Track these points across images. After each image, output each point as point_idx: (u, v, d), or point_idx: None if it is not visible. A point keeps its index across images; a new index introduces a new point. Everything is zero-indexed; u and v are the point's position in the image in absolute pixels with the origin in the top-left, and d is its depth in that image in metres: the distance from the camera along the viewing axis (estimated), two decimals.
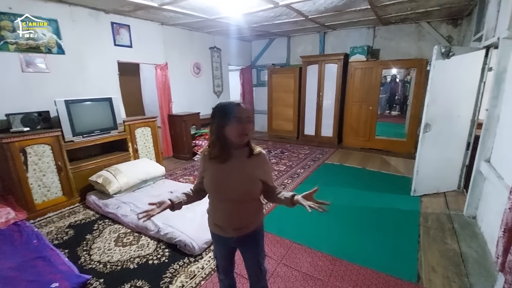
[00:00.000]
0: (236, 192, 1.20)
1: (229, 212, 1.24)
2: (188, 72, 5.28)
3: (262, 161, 1.25)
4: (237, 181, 1.19)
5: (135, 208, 2.78)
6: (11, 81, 3.00)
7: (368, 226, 2.62)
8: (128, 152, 3.71)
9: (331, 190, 3.44)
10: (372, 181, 3.70)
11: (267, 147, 5.69)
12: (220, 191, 1.22)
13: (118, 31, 3.97)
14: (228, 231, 1.27)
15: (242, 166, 1.21)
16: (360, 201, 3.12)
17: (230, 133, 1.14)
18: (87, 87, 3.66)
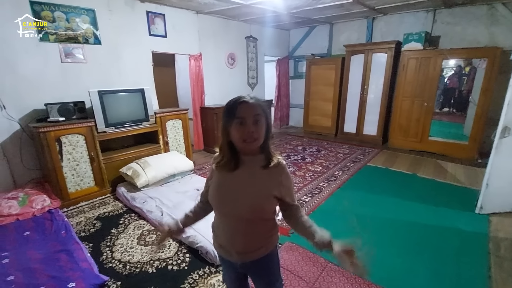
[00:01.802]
0: (243, 209, 0.96)
1: (233, 232, 1.02)
2: (222, 63, 5.09)
3: (281, 173, 0.99)
4: (244, 195, 0.96)
5: (161, 204, 2.68)
6: (51, 71, 3.07)
7: (419, 248, 2.18)
8: (159, 144, 3.66)
9: (374, 198, 3.00)
10: (424, 191, 3.17)
11: (302, 144, 5.32)
12: (223, 205, 1.00)
13: (153, 21, 3.89)
14: (232, 254, 1.03)
15: (254, 177, 0.97)
16: (409, 215, 2.65)
17: (233, 137, 0.92)
18: (121, 77, 3.66)
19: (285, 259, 2.03)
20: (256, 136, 0.91)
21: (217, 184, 1.01)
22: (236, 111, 0.89)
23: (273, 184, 0.98)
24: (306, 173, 3.72)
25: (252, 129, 0.90)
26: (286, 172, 1.01)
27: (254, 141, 0.92)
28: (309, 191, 3.17)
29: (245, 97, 0.93)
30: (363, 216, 2.62)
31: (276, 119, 6.87)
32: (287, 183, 1.01)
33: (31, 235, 2.31)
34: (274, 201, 1.00)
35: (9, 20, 2.74)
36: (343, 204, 2.88)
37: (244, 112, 0.89)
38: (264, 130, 0.94)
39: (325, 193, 3.11)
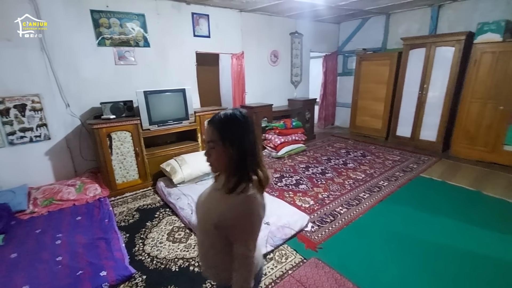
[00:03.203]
0: (198, 224, 1.00)
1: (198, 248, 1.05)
2: (264, 60, 5.02)
3: (235, 206, 0.83)
4: (201, 209, 0.99)
5: (192, 202, 2.77)
6: (107, 73, 3.40)
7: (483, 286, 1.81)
8: (197, 142, 3.79)
9: (424, 218, 2.61)
10: (491, 214, 2.64)
11: (346, 147, 4.95)
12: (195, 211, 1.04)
13: (198, 22, 4.00)
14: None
15: (211, 196, 0.97)
16: (468, 243, 2.23)
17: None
18: (167, 78, 3.87)
19: (308, 277, 1.89)
20: (211, 161, 0.86)
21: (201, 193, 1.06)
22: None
23: (219, 213, 0.85)
24: (346, 181, 3.44)
25: (206, 154, 0.86)
26: (241, 207, 0.82)
27: (211, 166, 0.87)
28: (346, 201, 2.92)
29: (214, 115, 0.85)
30: (408, 238, 2.30)
31: (321, 118, 6.55)
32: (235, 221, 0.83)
33: (82, 220, 2.61)
34: (212, 231, 0.87)
35: (75, 29, 3.10)
36: (385, 221, 2.57)
37: (206, 133, 0.86)
38: (225, 157, 0.83)
39: (364, 206, 2.82)
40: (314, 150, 4.76)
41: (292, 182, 3.43)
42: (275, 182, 3.44)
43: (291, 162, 4.20)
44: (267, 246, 2.12)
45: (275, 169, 3.89)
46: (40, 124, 3.07)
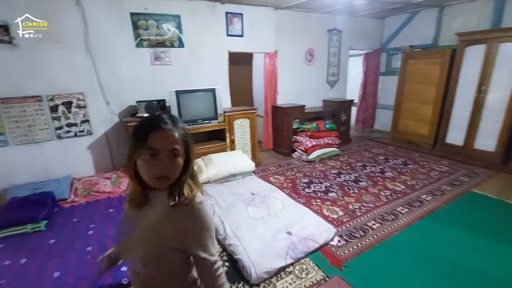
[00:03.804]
0: (138, 255, 0.79)
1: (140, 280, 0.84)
2: (299, 59, 4.83)
3: (187, 216, 0.77)
4: (139, 239, 0.79)
5: (215, 204, 2.75)
6: (143, 73, 3.55)
7: None
8: (225, 142, 3.78)
9: (474, 242, 2.24)
10: None
11: (385, 153, 4.55)
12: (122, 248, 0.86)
13: (231, 21, 3.98)
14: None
15: (156, 218, 0.78)
16: None
17: (140, 171, 0.74)
18: (199, 77, 3.92)
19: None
20: (171, 173, 0.73)
21: (119, 220, 0.86)
22: (149, 139, 0.70)
23: (174, 232, 0.77)
24: (382, 192, 3.14)
25: (166, 165, 0.71)
26: (197, 214, 0.78)
27: (166, 180, 0.74)
28: (380, 215, 2.65)
29: (164, 119, 0.74)
30: (453, 265, 1.99)
31: (359, 121, 6.14)
32: (194, 230, 0.78)
33: (113, 213, 2.75)
34: (175, 253, 0.79)
35: (116, 31, 3.28)
36: (425, 242, 2.27)
37: (158, 142, 0.70)
38: (180, 166, 0.76)
39: (401, 222, 2.53)
40: (348, 155, 4.46)
41: (321, 189, 3.23)
42: (302, 188, 3.28)
43: (322, 167, 3.98)
44: (287, 258, 1.99)
45: (303, 174, 3.72)
46: (83, 120, 3.32)
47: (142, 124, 0.76)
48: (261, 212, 2.55)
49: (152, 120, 0.75)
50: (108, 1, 3.19)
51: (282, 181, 3.52)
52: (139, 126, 0.76)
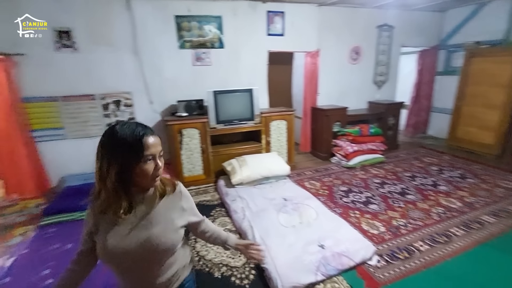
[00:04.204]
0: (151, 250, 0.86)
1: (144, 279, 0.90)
2: (343, 58, 4.54)
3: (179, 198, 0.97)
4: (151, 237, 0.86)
5: (246, 207, 2.70)
6: (185, 73, 3.67)
7: None
8: (261, 144, 3.72)
9: None
10: None
11: (439, 163, 4.04)
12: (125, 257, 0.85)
13: (272, 20, 3.90)
14: None
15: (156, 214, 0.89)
16: None
17: (142, 176, 0.81)
18: (238, 77, 3.92)
19: None
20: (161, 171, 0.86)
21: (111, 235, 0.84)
22: (144, 148, 0.79)
23: (177, 213, 0.95)
24: (434, 208, 2.77)
25: (161, 166, 0.85)
26: (184, 193, 0.99)
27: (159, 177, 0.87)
28: (429, 235, 2.33)
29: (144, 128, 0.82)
30: None
31: (409, 125, 5.57)
32: (188, 204, 1.00)
33: None
34: (182, 230, 0.96)
35: (161, 33, 3.43)
36: (484, 272, 1.92)
37: (152, 148, 0.81)
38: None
39: (456, 246, 2.18)
40: (395, 163, 4.06)
41: (361, 200, 2.98)
42: (339, 197, 3.06)
43: (363, 174, 3.68)
44: (317, 274, 1.84)
45: (342, 181, 3.48)
46: (130, 118, 3.55)
47: (131, 138, 0.79)
48: (292, 220, 2.42)
49: (136, 132, 0.80)
50: (154, 5, 3.35)
51: (318, 187, 3.33)
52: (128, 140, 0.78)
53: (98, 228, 0.87)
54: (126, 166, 0.79)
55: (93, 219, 0.87)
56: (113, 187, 0.80)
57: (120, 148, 0.78)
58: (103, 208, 0.83)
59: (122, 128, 0.80)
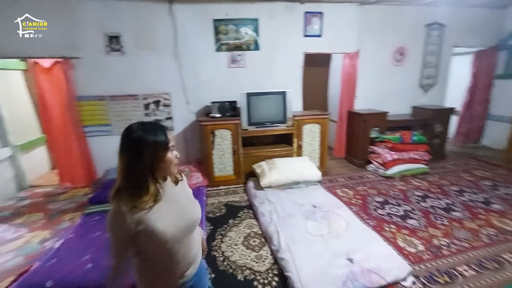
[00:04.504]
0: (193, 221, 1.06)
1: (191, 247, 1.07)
2: (385, 60, 4.26)
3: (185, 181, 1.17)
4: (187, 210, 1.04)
5: (273, 211, 2.67)
6: (220, 75, 3.76)
7: None
8: (292, 147, 3.65)
9: None
10: None
11: (493, 177, 3.58)
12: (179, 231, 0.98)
13: (310, 21, 3.81)
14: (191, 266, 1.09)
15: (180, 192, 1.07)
16: None
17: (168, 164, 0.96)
18: (272, 80, 3.91)
19: None
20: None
21: (156, 217, 0.91)
22: (168, 139, 0.95)
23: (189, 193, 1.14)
24: (484, 229, 2.46)
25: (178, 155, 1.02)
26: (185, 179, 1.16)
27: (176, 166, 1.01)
28: (477, 260, 2.07)
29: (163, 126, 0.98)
30: None
31: (459, 133, 5.04)
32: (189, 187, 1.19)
33: None
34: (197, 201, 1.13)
35: (199, 37, 3.56)
36: None
37: (171, 140, 0.97)
38: None
39: (508, 275, 1.91)
40: (440, 175, 3.70)
41: (399, 213, 2.76)
42: (374, 208, 2.87)
43: (403, 185, 3.41)
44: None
45: (378, 191, 3.27)
46: (167, 117, 3.75)
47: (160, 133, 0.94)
48: (320, 229, 2.34)
49: (159, 125, 0.98)
50: (195, 10, 3.49)
51: (351, 196, 3.17)
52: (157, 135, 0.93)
53: (143, 221, 0.89)
54: (158, 156, 0.93)
55: (130, 221, 0.87)
56: (143, 178, 0.90)
57: (152, 142, 0.91)
58: (135, 203, 0.88)
59: (147, 127, 0.94)
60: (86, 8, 3.21)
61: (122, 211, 0.87)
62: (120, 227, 0.88)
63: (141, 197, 0.89)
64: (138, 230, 0.88)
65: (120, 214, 0.87)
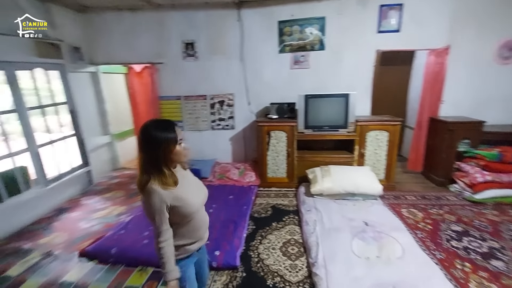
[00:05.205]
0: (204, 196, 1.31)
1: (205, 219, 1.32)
2: (486, 57, 3.40)
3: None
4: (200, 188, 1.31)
5: (319, 221, 2.52)
6: (281, 76, 3.76)
7: None
8: (352, 155, 3.34)
9: None
10: None
11: None
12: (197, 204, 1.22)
13: (386, 15, 3.39)
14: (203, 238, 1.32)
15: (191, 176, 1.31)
16: None
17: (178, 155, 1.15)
18: (337, 81, 3.67)
19: None
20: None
21: (181, 197, 1.14)
22: (176, 135, 1.12)
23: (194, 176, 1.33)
24: None
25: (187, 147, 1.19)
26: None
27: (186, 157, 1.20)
28: None
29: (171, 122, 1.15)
30: None
31: None
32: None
33: (231, 200, 3.14)
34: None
35: (264, 39, 3.64)
36: None
37: (180, 134, 1.14)
38: None
39: None
40: None
41: (480, 249, 2.19)
42: (447, 237, 2.36)
43: (495, 215, 2.68)
44: None
45: (458, 217, 2.66)
46: (230, 117, 3.99)
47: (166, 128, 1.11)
48: (368, 250, 2.07)
49: (168, 123, 1.13)
50: (262, 14, 3.58)
51: (419, 218, 2.69)
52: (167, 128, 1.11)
53: (175, 197, 1.12)
54: (169, 150, 1.10)
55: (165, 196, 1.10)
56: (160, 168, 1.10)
57: (164, 136, 1.09)
58: (164, 184, 1.10)
59: (159, 125, 1.12)
60: (172, 20, 3.71)
61: (157, 190, 1.08)
62: (161, 201, 1.09)
63: (164, 181, 1.10)
64: (175, 205, 1.12)
65: (157, 193, 1.08)
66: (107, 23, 3.78)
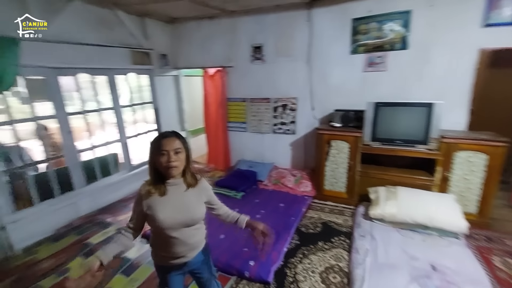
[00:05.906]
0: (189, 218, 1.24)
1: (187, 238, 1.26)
2: None
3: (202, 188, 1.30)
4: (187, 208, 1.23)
5: (371, 252, 2.18)
6: (352, 80, 3.39)
7: None
8: (432, 178, 2.74)
9: None
10: None
11: None
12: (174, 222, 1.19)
13: (498, 4, 2.61)
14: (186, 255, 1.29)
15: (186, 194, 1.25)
16: None
17: (158, 165, 1.17)
18: (422, 86, 3.05)
19: None
20: (177, 164, 1.16)
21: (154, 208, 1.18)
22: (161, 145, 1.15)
23: (199, 199, 1.28)
24: None
25: (171, 159, 1.14)
26: (204, 186, 1.32)
27: (176, 168, 1.17)
28: None
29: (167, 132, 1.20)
30: None
31: None
32: (207, 193, 1.32)
33: (281, 208, 3.05)
34: (204, 208, 1.30)
35: (334, 40, 3.35)
36: None
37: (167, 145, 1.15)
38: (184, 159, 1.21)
39: None
40: None
41: None
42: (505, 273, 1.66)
43: None
44: None
45: None
46: (291, 121, 3.86)
47: (156, 138, 1.20)
48: None
49: (164, 134, 1.20)
50: (333, 12, 3.30)
51: None
52: (155, 139, 1.19)
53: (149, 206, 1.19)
54: (153, 157, 1.17)
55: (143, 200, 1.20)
56: (154, 174, 1.20)
57: (151, 144, 1.19)
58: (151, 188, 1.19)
59: (161, 133, 1.22)
60: (243, 25, 3.84)
61: (140, 190, 1.22)
62: (137, 200, 1.23)
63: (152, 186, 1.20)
64: (147, 213, 1.19)
65: (138, 193, 1.22)
66: (189, 31, 4.21)
